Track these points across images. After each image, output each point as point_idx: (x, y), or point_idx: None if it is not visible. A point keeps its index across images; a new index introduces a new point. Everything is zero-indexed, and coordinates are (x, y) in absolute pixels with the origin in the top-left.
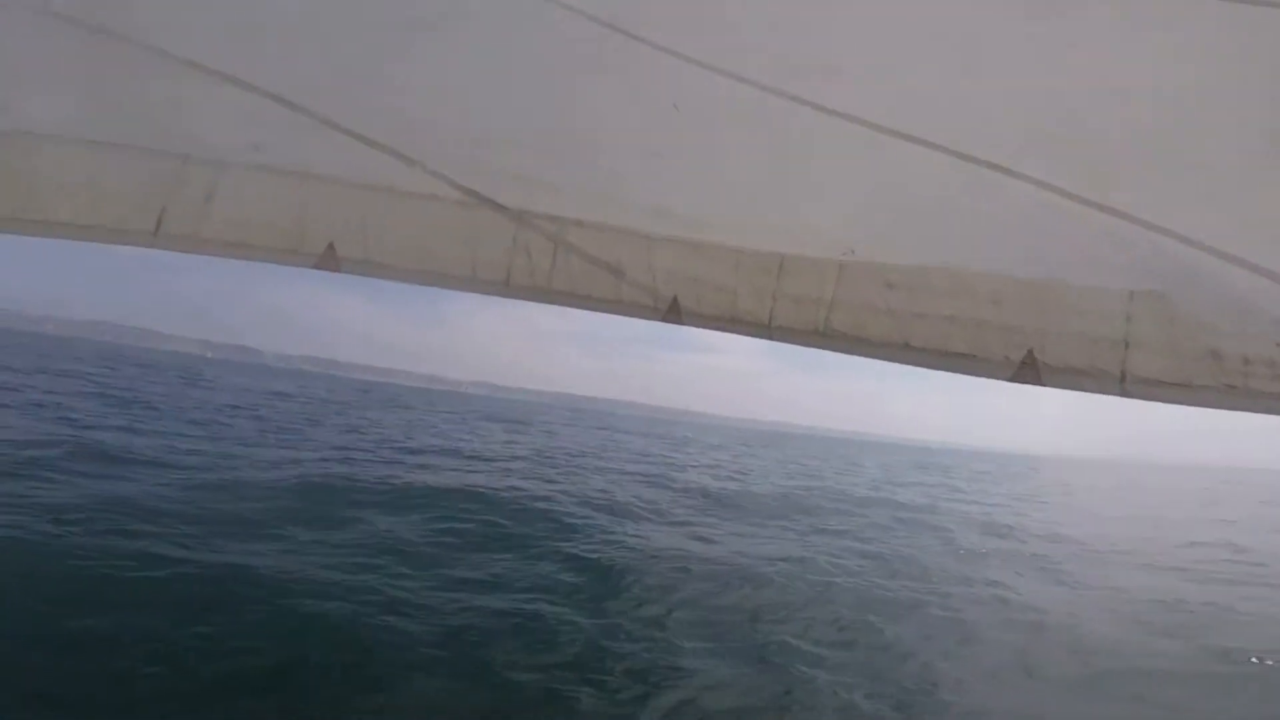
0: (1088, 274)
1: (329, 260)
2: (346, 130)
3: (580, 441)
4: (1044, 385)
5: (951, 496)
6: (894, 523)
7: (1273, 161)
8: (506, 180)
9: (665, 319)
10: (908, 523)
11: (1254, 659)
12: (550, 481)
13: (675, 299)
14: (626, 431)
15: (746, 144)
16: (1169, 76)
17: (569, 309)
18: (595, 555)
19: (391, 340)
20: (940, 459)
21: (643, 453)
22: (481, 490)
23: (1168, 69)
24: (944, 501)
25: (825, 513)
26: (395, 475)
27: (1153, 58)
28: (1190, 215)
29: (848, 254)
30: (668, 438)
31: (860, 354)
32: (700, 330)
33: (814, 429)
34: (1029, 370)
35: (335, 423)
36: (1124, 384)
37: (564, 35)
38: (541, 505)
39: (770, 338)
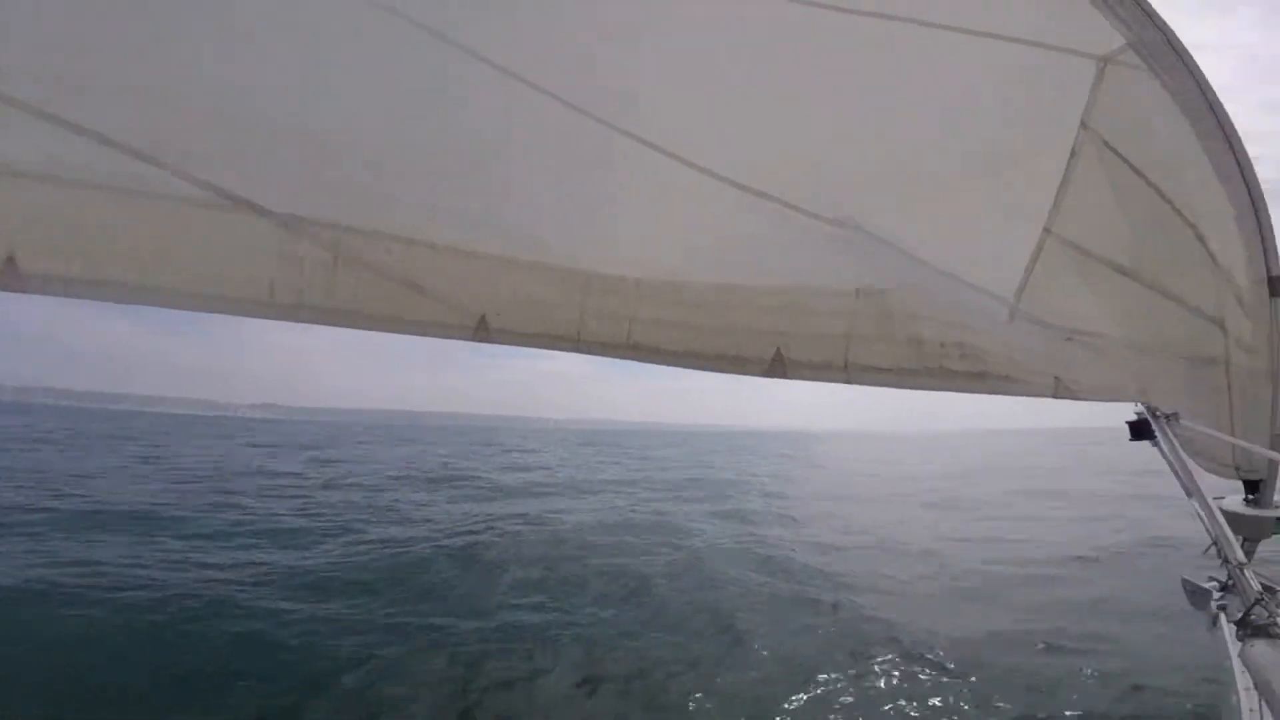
0: (823, 278)
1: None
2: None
3: (362, 456)
4: (788, 378)
5: (709, 464)
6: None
7: (965, 179)
8: (276, 181)
9: (474, 337)
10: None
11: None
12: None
13: (484, 317)
14: (433, 442)
15: (556, 161)
16: (889, 106)
17: None
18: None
19: (169, 364)
20: (733, 440)
21: (411, 459)
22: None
23: (888, 99)
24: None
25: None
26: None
27: (877, 89)
28: (903, 225)
29: (642, 271)
30: (483, 443)
31: (657, 362)
32: None
33: (643, 424)
34: (779, 366)
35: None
36: (846, 372)
37: (361, 30)
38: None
39: (578, 350)
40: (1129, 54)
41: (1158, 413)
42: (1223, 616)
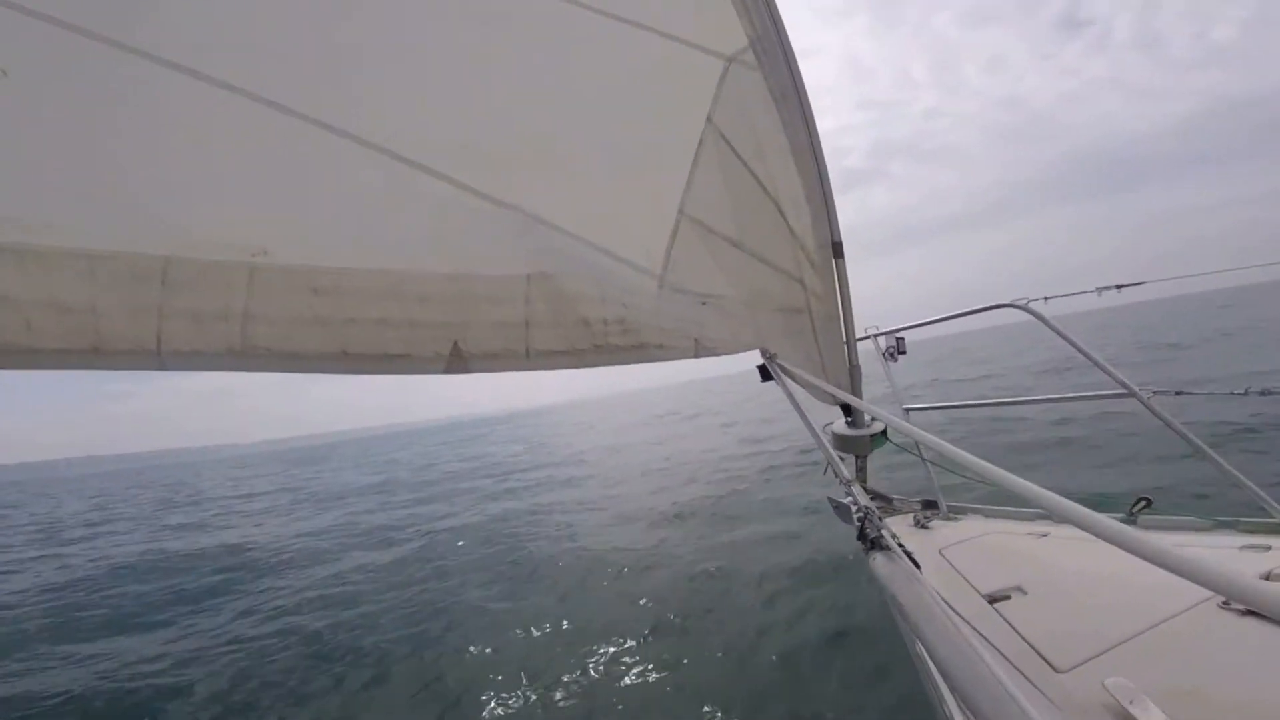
0: (496, 264)
1: None
2: None
3: None
4: (470, 372)
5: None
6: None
7: (617, 164)
8: None
9: None
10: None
11: None
12: None
13: None
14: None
15: (116, 120)
16: (555, 89)
17: None
18: None
19: None
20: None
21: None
22: None
23: (554, 82)
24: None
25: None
26: None
27: (542, 72)
28: (565, 208)
29: (259, 255)
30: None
31: (293, 369)
32: None
33: (344, 432)
34: (457, 361)
35: None
36: (529, 359)
37: None
38: None
39: (161, 367)
40: (749, 54)
41: (771, 356)
42: None
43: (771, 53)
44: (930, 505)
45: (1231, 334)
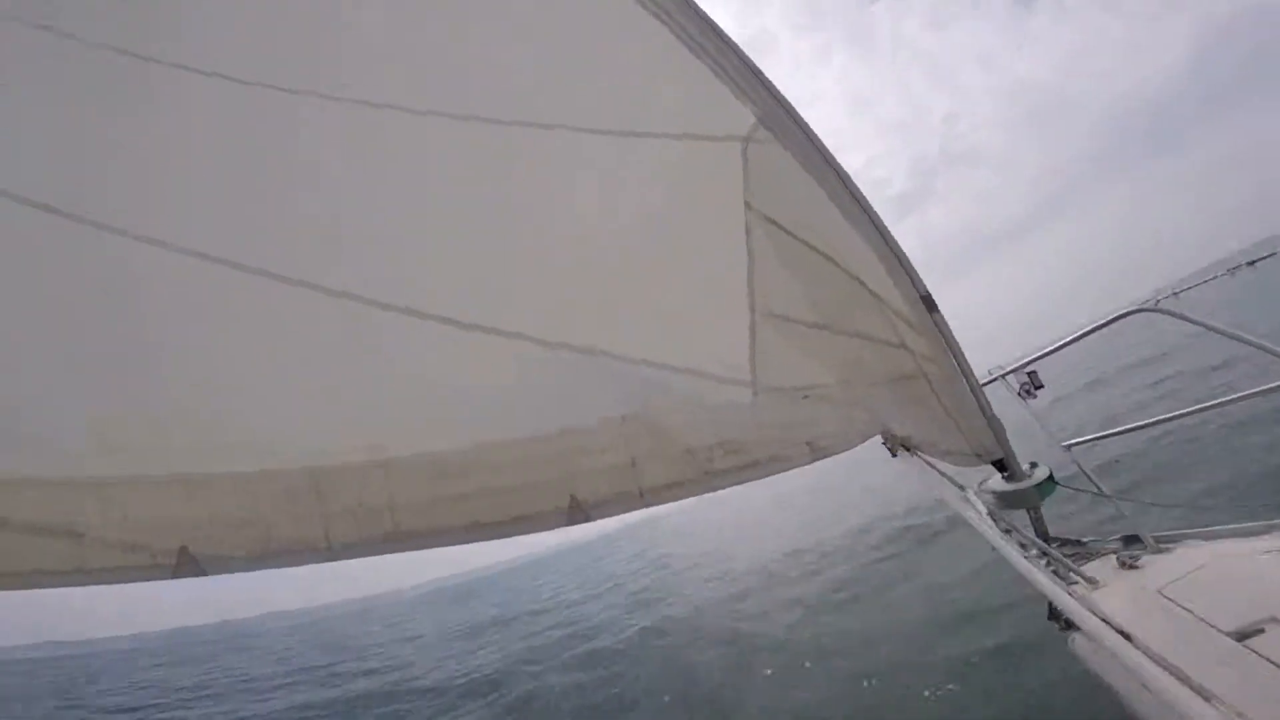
0: (591, 413)
1: None
2: None
3: None
4: (591, 519)
5: None
6: None
7: (670, 280)
8: None
9: (177, 574)
10: None
11: None
12: None
13: (184, 548)
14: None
15: (230, 343)
16: (597, 224)
17: None
18: None
19: None
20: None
21: None
22: None
23: (595, 217)
24: None
25: None
26: None
27: (581, 211)
28: (640, 340)
29: (381, 452)
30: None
31: (437, 545)
32: None
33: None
34: (578, 511)
35: None
36: (643, 498)
37: None
38: None
39: (333, 558)
40: (761, 130)
41: (894, 438)
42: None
43: (783, 124)
44: (1133, 540)
45: None
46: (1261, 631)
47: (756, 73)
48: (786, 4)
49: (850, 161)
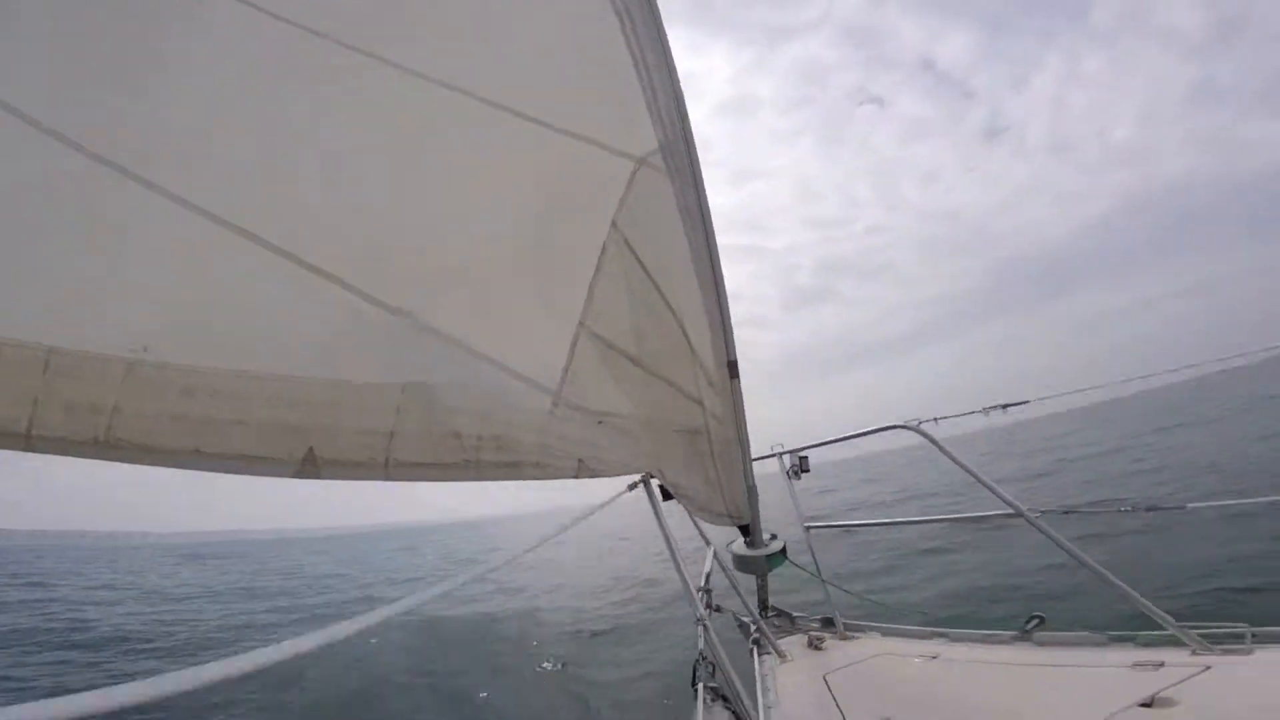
0: (372, 373)
1: None
2: None
3: None
4: (322, 478)
5: None
6: None
7: (516, 272)
8: None
9: None
10: None
11: None
12: None
13: None
14: None
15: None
16: (460, 194)
17: None
18: None
19: None
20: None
21: None
22: None
23: (459, 187)
24: None
25: None
26: None
27: (448, 176)
28: (462, 318)
29: (138, 351)
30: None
31: (145, 462)
32: None
33: (281, 529)
34: (310, 466)
35: None
36: (388, 469)
37: None
38: None
39: (30, 448)
40: (657, 157)
41: (654, 480)
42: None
43: (680, 161)
44: (828, 623)
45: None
46: None
47: (679, 100)
48: (786, 80)
49: (771, 244)
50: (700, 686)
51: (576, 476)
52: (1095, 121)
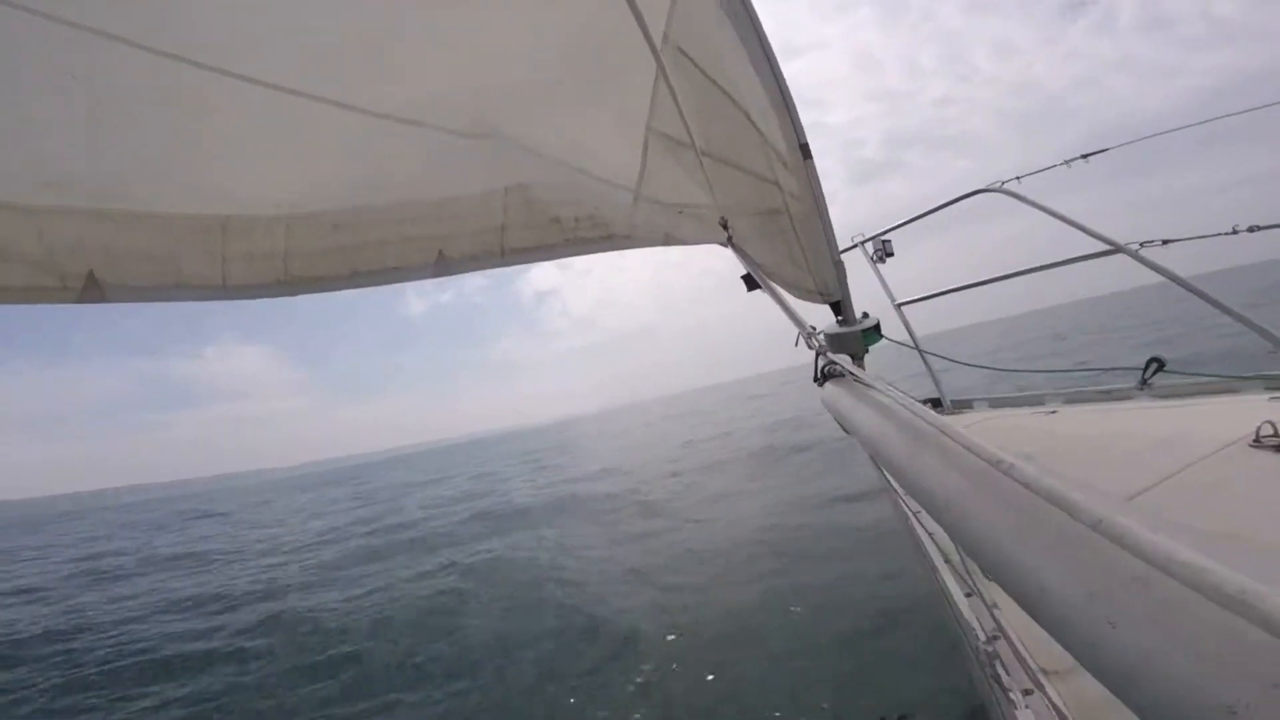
0: (477, 184)
1: None
2: None
3: None
4: (454, 273)
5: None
6: None
7: (584, 89)
8: None
9: (83, 299)
10: None
11: None
12: None
13: (91, 273)
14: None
15: (155, 115)
16: (520, 28)
17: None
18: None
19: None
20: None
21: None
22: None
23: (519, 22)
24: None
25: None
26: None
27: (507, 16)
28: (532, 134)
29: (289, 209)
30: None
31: (319, 290)
32: (219, 376)
33: (368, 454)
34: (443, 264)
35: None
36: (504, 256)
37: None
38: None
39: (227, 297)
40: None
41: (730, 237)
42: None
43: None
44: (934, 403)
45: None
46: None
47: None
48: None
49: (830, 119)
50: (821, 377)
51: (665, 245)
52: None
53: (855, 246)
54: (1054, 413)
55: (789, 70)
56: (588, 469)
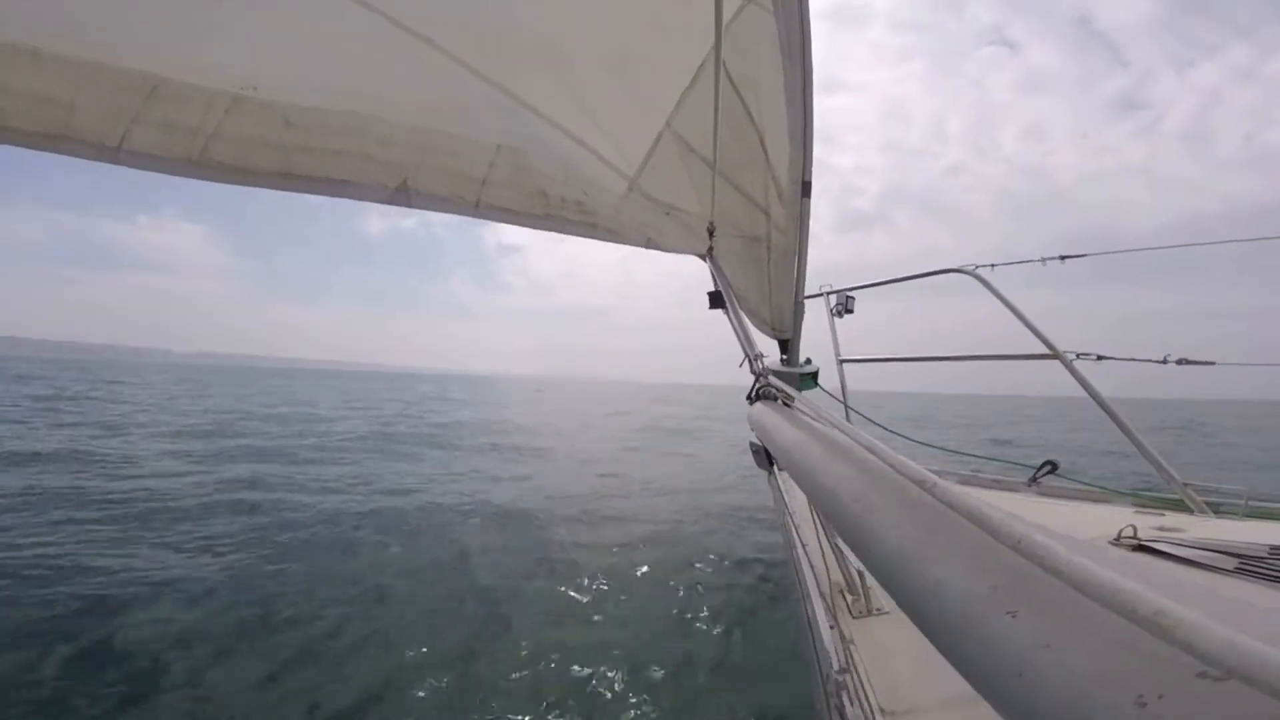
0: (468, 128)
1: None
2: None
3: None
4: (412, 206)
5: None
6: None
7: (616, 67)
8: None
9: None
10: None
11: None
12: None
13: None
14: None
15: None
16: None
17: None
18: None
19: None
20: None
21: None
22: None
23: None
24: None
25: None
26: None
27: None
28: (553, 97)
29: (249, 89)
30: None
31: (233, 182)
32: (147, 247)
33: (295, 360)
34: (402, 195)
35: None
36: (478, 207)
37: None
38: None
39: (116, 161)
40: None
41: (710, 251)
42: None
43: (789, 4)
44: None
45: None
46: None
47: None
48: (906, 1)
49: (840, 161)
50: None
51: (645, 247)
52: (1250, 122)
53: (820, 295)
54: None
55: (821, 107)
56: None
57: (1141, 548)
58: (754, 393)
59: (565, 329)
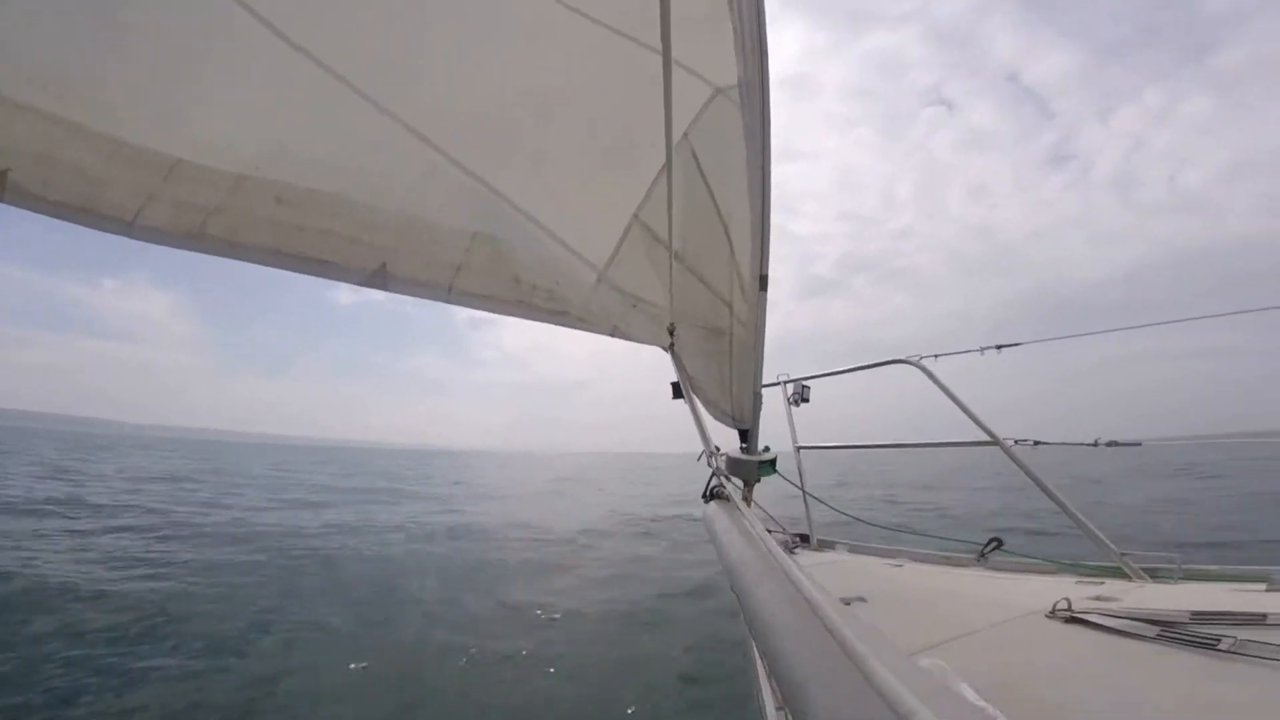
0: (448, 217)
1: None
2: None
3: None
4: (389, 290)
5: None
6: None
7: (588, 162)
8: None
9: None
10: None
11: None
12: None
13: (6, 172)
14: None
15: (164, 34)
16: (547, 84)
17: None
18: None
19: None
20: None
21: None
22: None
23: (547, 78)
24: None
25: None
26: None
27: (537, 68)
28: (529, 192)
29: (253, 169)
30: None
31: (231, 256)
32: (114, 315)
33: (263, 435)
34: (379, 279)
35: None
36: (451, 293)
37: None
38: None
39: (128, 234)
40: (735, 92)
41: (673, 345)
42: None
43: (753, 96)
44: (803, 538)
45: None
46: (848, 603)
47: (763, 43)
48: (858, 68)
49: (797, 228)
50: (708, 495)
51: (612, 335)
52: (1170, 164)
53: (778, 384)
54: (900, 566)
55: (780, 174)
56: None
57: (1073, 619)
58: (708, 491)
59: (537, 402)
